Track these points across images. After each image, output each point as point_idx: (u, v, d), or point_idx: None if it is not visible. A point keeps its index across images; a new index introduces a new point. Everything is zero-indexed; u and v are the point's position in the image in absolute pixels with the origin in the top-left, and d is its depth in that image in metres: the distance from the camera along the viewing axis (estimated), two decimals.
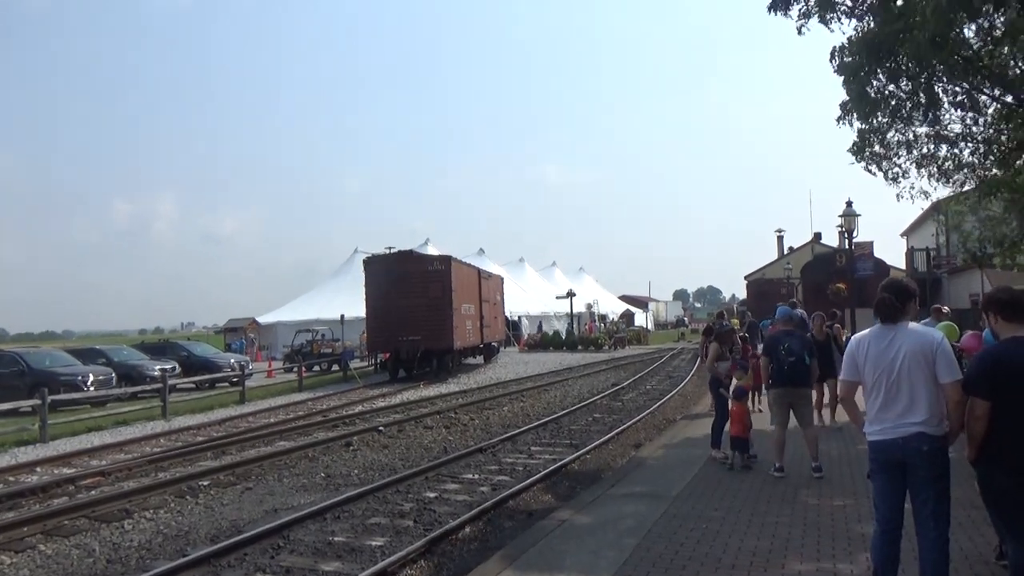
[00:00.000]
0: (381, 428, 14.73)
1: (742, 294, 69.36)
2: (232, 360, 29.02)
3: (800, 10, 14.20)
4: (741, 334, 16.47)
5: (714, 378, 9.90)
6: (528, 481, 9.47)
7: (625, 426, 14.04)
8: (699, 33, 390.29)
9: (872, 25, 13.49)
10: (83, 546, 7.76)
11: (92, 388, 20.62)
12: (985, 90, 13.67)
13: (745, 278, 61.55)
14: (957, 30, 12.44)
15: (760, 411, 12.80)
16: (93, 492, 10.16)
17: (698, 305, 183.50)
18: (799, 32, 14.38)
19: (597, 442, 12.30)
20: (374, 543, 7.34)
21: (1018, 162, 13.61)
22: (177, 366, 25.52)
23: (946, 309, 11.39)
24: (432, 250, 40.72)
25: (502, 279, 39.70)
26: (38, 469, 12.18)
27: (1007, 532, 4.06)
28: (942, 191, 15.91)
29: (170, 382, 19.90)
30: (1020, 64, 11.58)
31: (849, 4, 14.26)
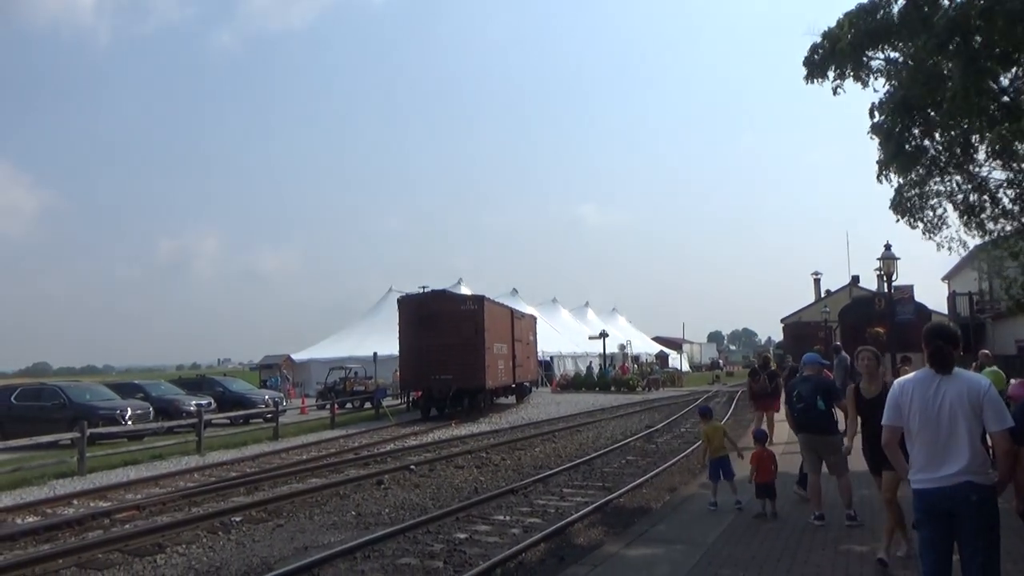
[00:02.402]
0: (412, 467, 14.68)
1: (778, 336, 68.36)
2: (266, 396, 29.27)
3: (835, 73, 14.58)
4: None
5: None
6: (560, 524, 9.33)
7: (659, 469, 13.80)
8: (736, 79, 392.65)
9: (904, 84, 13.65)
10: None
11: (130, 422, 20.91)
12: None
13: (781, 321, 60.66)
14: (991, 81, 12.46)
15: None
16: (127, 526, 10.24)
17: (733, 347, 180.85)
18: (834, 93, 14.79)
19: (631, 485, 12.09)
20: None
21: None
22: (213, 401, 25.81)
23: (984, 352, 11.18)
24: (465, 290, 40.91)
25: (535, 319, 39.66)
26: (75, 502, 12.33)
27: None
28: (980, 240, 15.74)
29: (205, 417, 20.12)
30: None
31: (882, 65, 14.49)
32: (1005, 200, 14.64)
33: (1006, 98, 13.13)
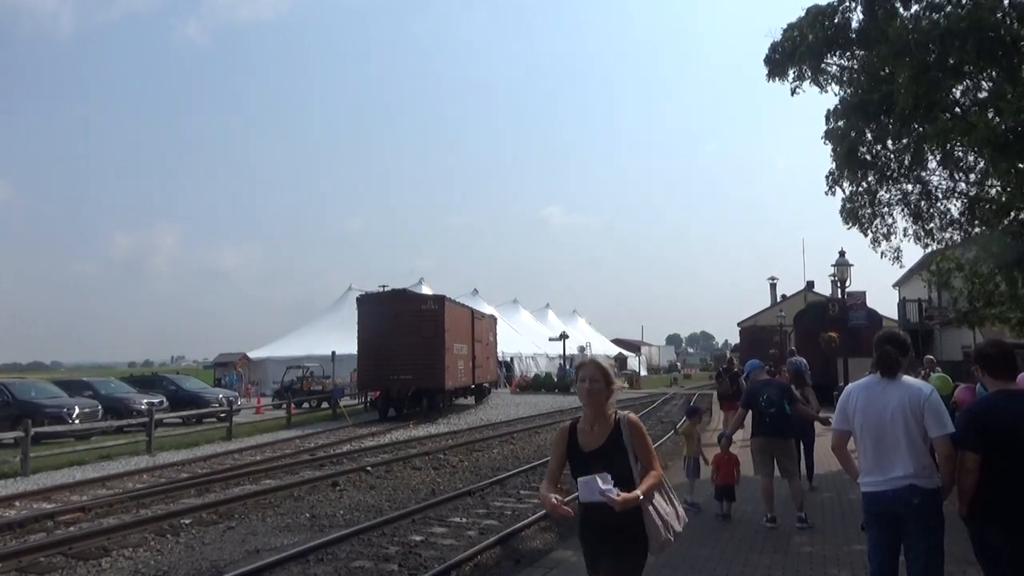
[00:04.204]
0: (369, 468, 14.54)
1: (735, 340, 69.35)
2: (220, 395, 28.75)
3: (794, 73, 14.83)
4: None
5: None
6: (516, 526, 9.33)
7: None
8: (700, 87, 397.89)
9: (859, 90, 13.93)
10: None
11: (77, 421, 20.34)
12: (972, 149, 13.93)
13: (738, 325, 61.57)
14: (943, 93, 12.78)
15: None
16: (72, 528, 9.95)
17: (691, 350, 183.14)
18: (792, 93, 15.05)
19: None
20: None
21: (1006, 220, 13.73)
22: (165, 400, 25.26)
23: (929, 357, 11.52)
24: (426, 289, 40.70)
25: (495, 319, 39.62)
26: (17, 503, 11.94)
27: None
28: (928, 249, 16.09)
29: (157, 416, 19.68)
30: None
31: (837, 71, 14.78)
32: (953, 210, 15.03)
33: (958, 110, 13.46)
